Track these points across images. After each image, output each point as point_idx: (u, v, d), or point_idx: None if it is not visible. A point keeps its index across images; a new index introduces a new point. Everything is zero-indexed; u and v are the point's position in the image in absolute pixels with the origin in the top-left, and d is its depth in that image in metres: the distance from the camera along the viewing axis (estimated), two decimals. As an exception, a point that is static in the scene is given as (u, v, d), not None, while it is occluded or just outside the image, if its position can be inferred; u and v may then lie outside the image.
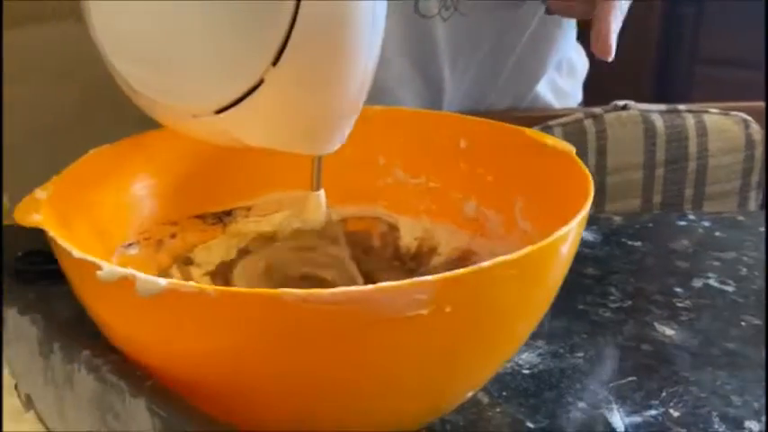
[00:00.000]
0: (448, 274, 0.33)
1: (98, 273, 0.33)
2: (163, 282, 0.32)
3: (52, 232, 0.37)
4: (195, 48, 0.40)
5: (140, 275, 0.33)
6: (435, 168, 0.56)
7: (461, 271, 0.33)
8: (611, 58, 0.48)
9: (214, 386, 0.36)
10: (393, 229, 0.57)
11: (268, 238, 0.56)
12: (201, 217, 0.54)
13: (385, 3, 0.41)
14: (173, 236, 0.53)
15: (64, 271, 0.39)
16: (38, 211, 0.39)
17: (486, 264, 0.33)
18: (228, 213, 0.55)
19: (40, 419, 0.42)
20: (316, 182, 0.49)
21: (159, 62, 0.42)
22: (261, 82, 0.39)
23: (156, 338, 0.36)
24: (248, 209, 0.56)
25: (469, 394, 0.43)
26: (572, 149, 0.47)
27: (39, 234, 0.39)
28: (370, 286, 0.32)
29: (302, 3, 0.37)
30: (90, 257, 0.34)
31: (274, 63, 0.38)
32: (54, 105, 1.69)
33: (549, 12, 0.58)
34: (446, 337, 0.35)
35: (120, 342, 0.38)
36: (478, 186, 0.54)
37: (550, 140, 0.50)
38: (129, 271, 0.33)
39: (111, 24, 0.43)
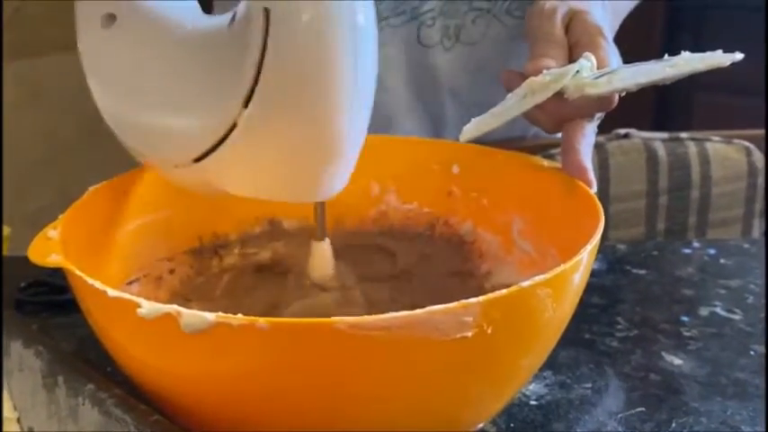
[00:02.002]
0: (490, 295, 0.33)
1: (138, 310, 0.33)
2: (210, 316, 0.32)
3: (78, 272, 0.37)
4: (169, 96, 0.39)
5: (185, 311, 0.32)
6: (429, 194, 0.56)
7: (503, 292, 0.34)
8: (594, 190, 0.45)
9: (255, 416, 0.36)
10: (389, 254, 0.56)
11: (264, 268, 0.55)
12: (198, 251, 0.54)
13: (373, 34, 0.37)
14: (171, 271, 0.52)
15: (88, 310, 0.39)
16: (54, 251, 0.39)
17: (525, 283, 0.34)
18: (223, 246, 0.55)
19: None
20: (319, 230, 0.46)
21: (137, 110, 0.41)
22: (234, 126, 0.37)
23: (199, 373, 0.35)
24: (242, 241, 0.56)
25: (480, 426, 0.43)
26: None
27: (40, 266, 0.39)
28: (420, 310, 0.32)
29: (270, 38, 0.35)
30: (127, 295, 0.34)
31: (246, 104, 0.37)
32: (54, 136, 1.70)
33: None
34: (484, 358, 0.36)
35: (151, 380, 0.38)
36: (474, 209, 0.54)
37: (544, 162, 0.50)
38: (173, 307, 0.33)
39: (99, 74, 0.42)
